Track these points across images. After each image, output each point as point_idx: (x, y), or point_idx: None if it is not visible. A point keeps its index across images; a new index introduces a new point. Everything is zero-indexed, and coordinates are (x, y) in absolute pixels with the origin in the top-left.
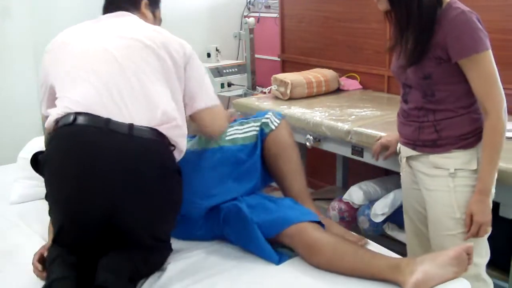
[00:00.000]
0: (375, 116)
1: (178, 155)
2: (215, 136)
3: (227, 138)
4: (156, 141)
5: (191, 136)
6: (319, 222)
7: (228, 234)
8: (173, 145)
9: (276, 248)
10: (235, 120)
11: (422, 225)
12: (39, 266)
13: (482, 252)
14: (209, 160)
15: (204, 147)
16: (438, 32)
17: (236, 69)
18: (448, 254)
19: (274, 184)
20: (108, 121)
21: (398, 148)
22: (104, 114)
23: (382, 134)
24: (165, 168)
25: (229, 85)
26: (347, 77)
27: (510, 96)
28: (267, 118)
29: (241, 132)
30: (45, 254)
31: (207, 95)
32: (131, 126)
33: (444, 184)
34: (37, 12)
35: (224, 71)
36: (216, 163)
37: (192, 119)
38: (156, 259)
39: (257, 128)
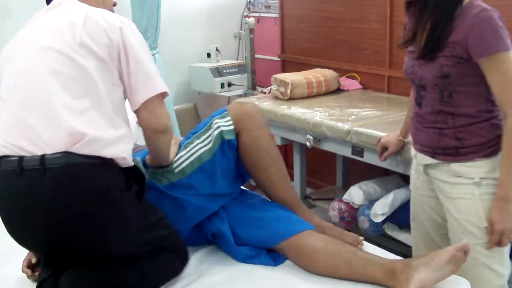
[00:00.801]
0: (375, 116)
1: (123, 162)
2: (159, 129)
3: (176, 171)
4: (74, 166)
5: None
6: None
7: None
8: (109, 158)
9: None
10: (180, 146)
11: (436, 233)
12: (29, 271)
13: (506, 262)
14: (178, 193)
15: (168, 183)
16: (458, 29)
17: (236, 69)
18: (442, 257)
19: None
20: (20, 160)
21: (413, 154)
22: (16, 150)
23: (382, 134)
24: (92, 193)
25: (229, 85)
26: (347, 77)
27: None
28: (217, 127)
29: (186, 158)
30: (33, 260)
31: (149, 85)
32: (42, 158)
33: (468, 192)
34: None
35: (224, 71)
36: (184, 198)
37: (137, 118)
38: (154, 269)
39: (205, 145)
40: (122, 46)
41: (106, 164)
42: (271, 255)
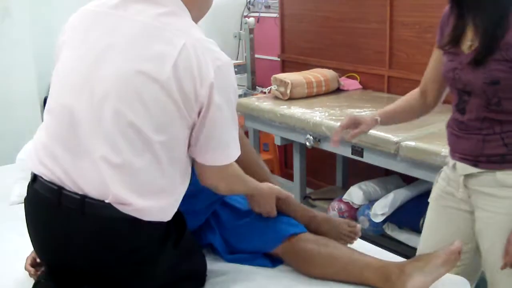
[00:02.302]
0: None
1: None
2: (217, 190)
3: None
4: (113, 221)
5: None
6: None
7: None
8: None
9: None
10: None
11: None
12: (32, 270)
13: None
14: None
15: None
16: None
17: (236, 69)
18: (437, 261)
19: None
20: (59, 192)
21: (451, 164)
22: (56, 179)
23: (382, 134)
24: (126, 251)
25: None
26: (347, 77)
27: None
28: None
29: None
30: (37, 259)
31: (217, 153)
32: (82, 201)
33: None
34: (37, 12)
35: None
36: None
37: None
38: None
39: None
40: (206, 105)
41: (146, 222)
42: (268, 257)
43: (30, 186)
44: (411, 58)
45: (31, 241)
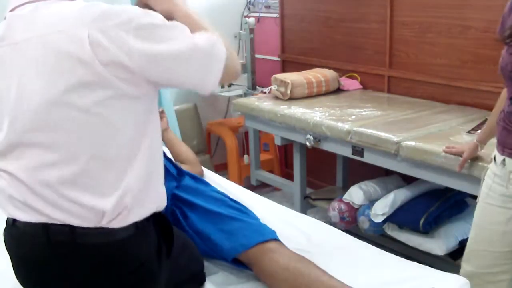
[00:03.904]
0: (375, 116)
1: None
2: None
3: None
4: (108, 246)
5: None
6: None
7: None
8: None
9: None
10: None
11: (502, 249)
12: None
13: None
14: None
15: None
16: None
17: None
18: None
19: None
20: (46, 228)
21: (500, 160)
22: (42, 218)
23: (382, 134)
24: (126, 273)
25: (229, 85)
26: (347, 77)
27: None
28: None
29: None
30: None
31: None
32: (72, 232)
33: None
34: None
35: None
36: None
37: None
38: None
39: None
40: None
41: (139, 231)
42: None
43: (11, 225)
44: (411, 58)
45: (19, 278)
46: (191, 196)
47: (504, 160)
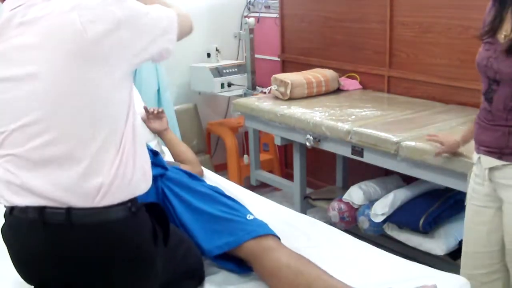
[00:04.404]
0: (375, 116)
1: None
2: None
3: None
4: (103, 226)
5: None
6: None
7: None
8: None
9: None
10: None
11: (491, 248)
12: None
13: None
14: None
15: None
16: None
17: (236, 69)
18: None
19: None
20: (41, 211)
21: (475, 158)
22: (37, 201)
23: (382, 134)
24: (123, 254)
25: (229, 85)
26: (347, 77)
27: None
28: None
29: None
30: None
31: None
32: (68, 213)
33: None
34: None
35: (224, 71)
36: None
37: None
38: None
39: None
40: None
41: (134, 214)
42: (237, 263)
43: (8, 215)
44: (411, 58)
45: (18, 268)
46: (179, 189)
47: (479, 158)
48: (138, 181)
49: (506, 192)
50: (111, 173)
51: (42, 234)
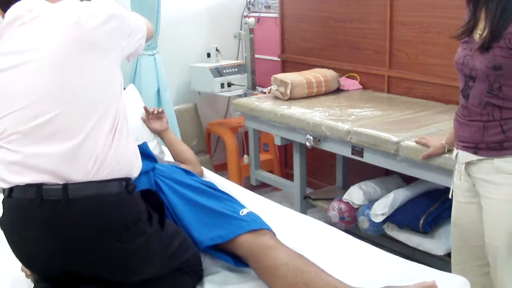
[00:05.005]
0: (375, 116)
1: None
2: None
3: None
4: (99, 199)
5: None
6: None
7: None
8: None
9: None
10: None
11: (477, 243)
12: (28, 271)
13: None
14: None
15: None
16: None
17: (236, 69)
18: None
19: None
20: (39, 188)
21: (455, 154)
22: (36, 177)
23: (382, 134)
24: (120, 228)
25: (229, 85)
26: (347, 77)
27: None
28: None
29: None
30: None
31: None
32: (65, 188)
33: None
34: None
35: (224, 71)
36: None
37: None
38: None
39: None
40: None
41: (129, 193)
42: (234, 258)
43: (6, 199)
44: (411, 58)
45: (19, 255)
46: (173, 182)
47: (457, 154)
48: (131, 161)
49: (482, 187)
50: (106, 145)
51: (39, 212)
